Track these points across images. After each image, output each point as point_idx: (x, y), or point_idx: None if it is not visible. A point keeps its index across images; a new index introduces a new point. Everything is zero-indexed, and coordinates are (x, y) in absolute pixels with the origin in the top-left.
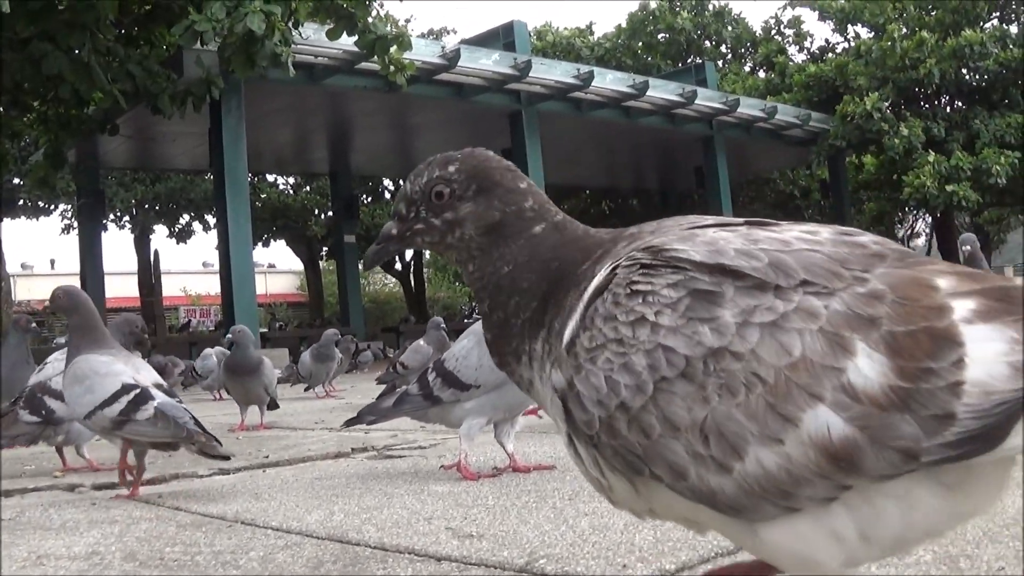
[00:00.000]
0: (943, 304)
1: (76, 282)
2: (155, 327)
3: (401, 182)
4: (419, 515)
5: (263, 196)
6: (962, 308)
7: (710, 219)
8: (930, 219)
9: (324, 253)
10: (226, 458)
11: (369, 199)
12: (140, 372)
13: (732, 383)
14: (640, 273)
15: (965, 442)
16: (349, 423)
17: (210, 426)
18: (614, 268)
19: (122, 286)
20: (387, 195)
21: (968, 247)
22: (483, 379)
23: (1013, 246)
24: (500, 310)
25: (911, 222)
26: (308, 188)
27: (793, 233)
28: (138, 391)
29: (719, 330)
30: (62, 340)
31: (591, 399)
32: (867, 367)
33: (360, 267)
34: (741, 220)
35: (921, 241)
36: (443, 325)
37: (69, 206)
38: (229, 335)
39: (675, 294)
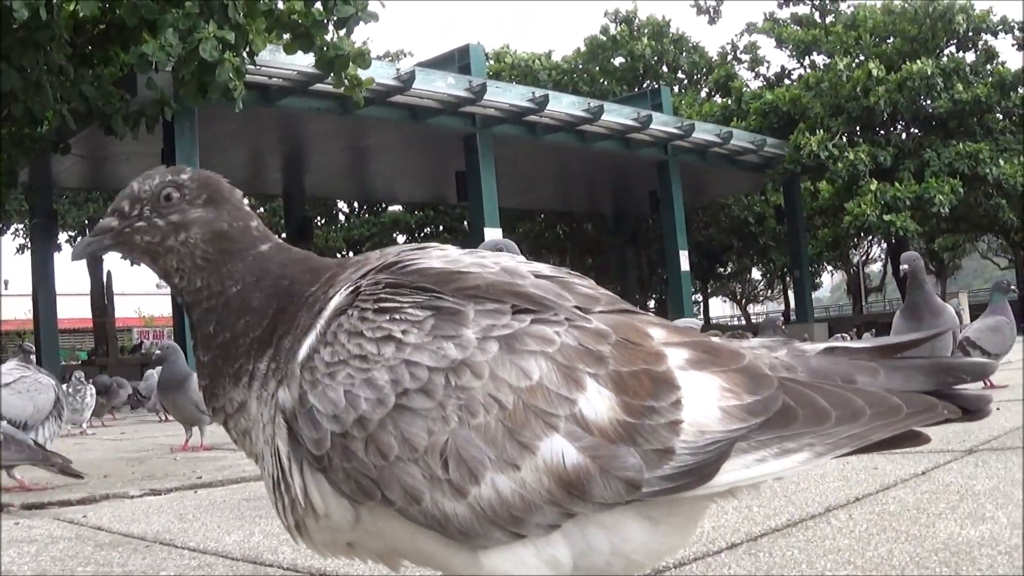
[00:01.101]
0: (659, 351)
1: (29, 303)
2: (107, 348)
3: (355, 204)
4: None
5: None
6: (676, 356)
7: (432, 247)
8: (885, 245)
9: None
10: (79, 476)
11: (323, 221)
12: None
13: (473, 405)
14: (386, 292)
15: (682, 475)
16: None
17: (151, 447)
18: (356, 288)
19: (75, 307)
20: (341, 217)
21: (907, 265)
22: None
23: (968, 272)
24: (227, 330)
25: (866, 247)
26: (262, 209)
27: (527, 267)
28: None
29: (462, 348)
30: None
31: (327, 415)
32: (597, 401)
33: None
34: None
35: (877, 267)
36: None
37: (22, 226)
38: (158, 351)
39: (421, 313)
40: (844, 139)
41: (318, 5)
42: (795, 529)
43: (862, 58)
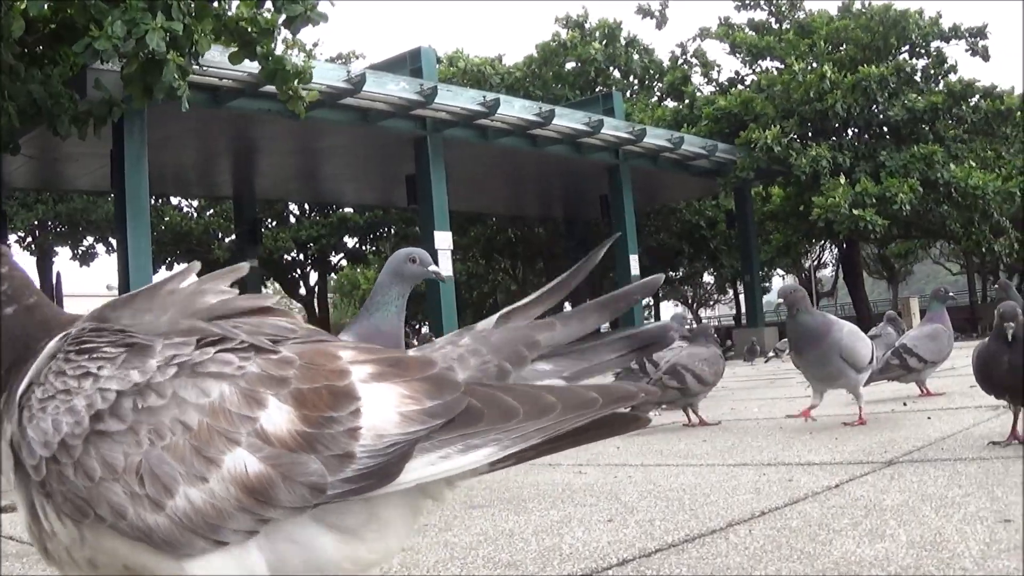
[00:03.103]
0: (344, 368)
1: None
2: None
3: (306, 206)
4: None
5: (166, 219)
6: (360, 371)
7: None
8: (836, 250)
9: None
10: None
11: (274, 223)
12: None
13: (161, 428)
14: (89, 335)
15: (364, 477)
16: None
17: None
18: (66, 334)
19: None
20: (292, 219)
21: (781, 299)
22: None
23: (920, 277)
24: None
25: (818, 253)
26: (211, 212)
27: (231, 305)
28: None
29: (146, 373)
30: None
31: (39, 442)
32: (277, 416)
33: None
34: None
35: (828, 271)
36: None
37: None
38: None
39: (115, 350)
40: (797, 141)
41: (265, 13)
42: (691, 545)
43: (814, 64)
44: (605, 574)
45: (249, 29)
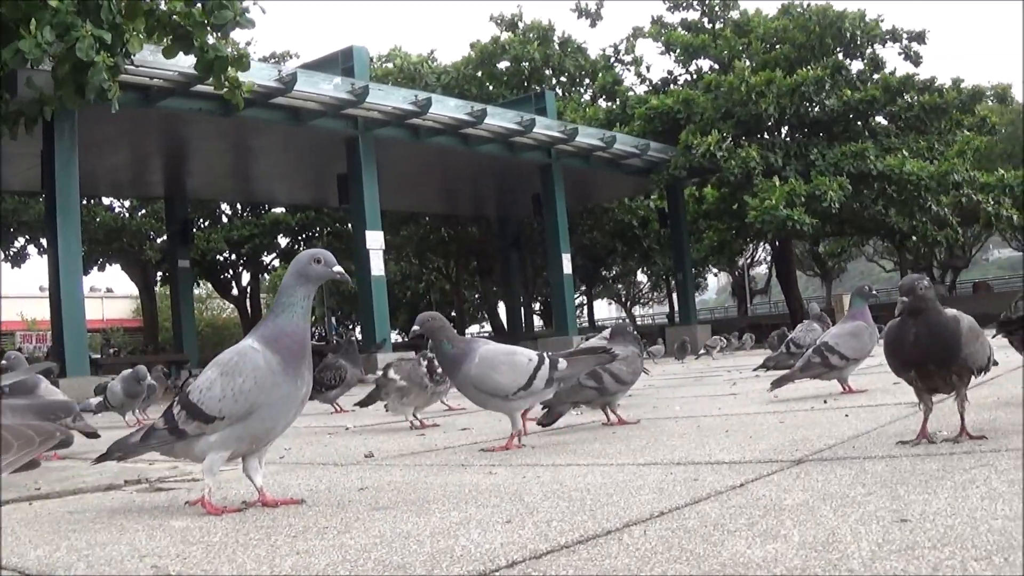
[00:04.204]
0: None
1: None
2: None
3: (238, 205)
4: (138, 552)
5: (98, 220)
6: None
7: None
8: (770, 248)
9: (159, 278)
10: None
11: (206, 223)
12: None
13: None
14: None
15: None
16: (99, 459)
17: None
18: None
19: None
20: (224, 219)
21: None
22: (227, 410)
23: (854, 274)
24: None
25: (751, 251)
26: (144, 212)
27: None
28: None
29: None
30: None
31: None
32: None
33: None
34: None
35: (762, 269)
36: None
37: None
38: (3, 360)
39: None
40: (732, 142)
41: (199, 5)
42: (583, 546)
43: (750, 64)
44: None
45: (183, 23)
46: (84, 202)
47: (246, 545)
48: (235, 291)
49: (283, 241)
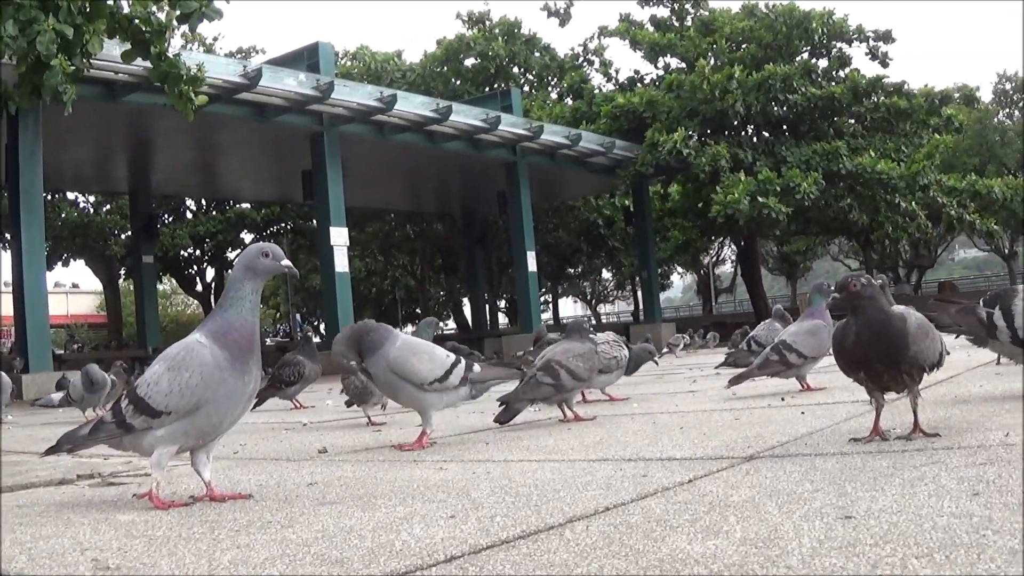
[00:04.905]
0: None
1: None
2: None
3: (203, 201)
4: (80, 546)
5: (62, 215)
6: None
7: None
8: (735, 247)
9: (123, 273)
10: None
11: (171, 219)
12: None
13: None
14: None
15: None
16: (48, 452)
17: None
18: None
19: None
20: (189, 215)
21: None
22: (173, 405)
23: (820, 274)
24: None
25: (717, 249)
26: (108, 207)
27: None
28: None
29: None
30: None
31: None
32: None
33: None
34: None
35: (728, 267)
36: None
37: None
38: None
39: None
40: (699, 139)
41: (160, 15)
42: (523, 541)
43: (715, 62)
44: (429, 571)
45: (143, 28)
46: (48, 197)
47: (188, 539)
48: (199, 287)
49: (248, 237)
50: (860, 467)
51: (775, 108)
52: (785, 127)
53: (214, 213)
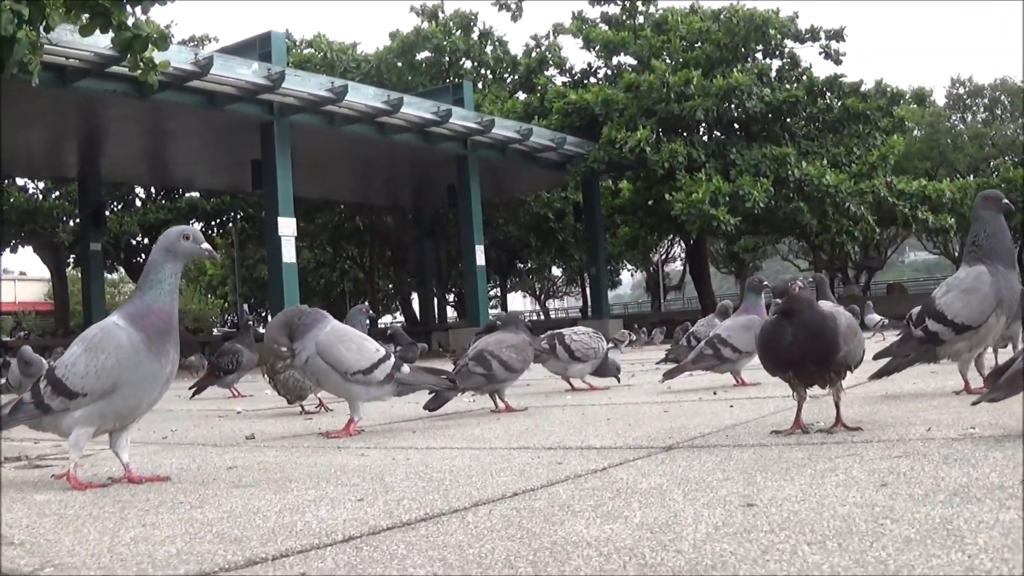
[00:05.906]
0: None
1: None
2: None
3: (152, 189)
4: None
5: (11, 200)
6: None
7: None
8: (684, 245)
9: (71, 261)
10: None
11: (119, 207)
12: None
13: None
14: None
15: None
16: None
17: None
18: None
19: None
20: (138, 203)
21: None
22: (90, 387)
23: (769, 273)
24: None
25: (666, 247)
26: (57, 193)
27: None
28: None
29: None
30: None
31: None
32: None
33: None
34: None
35: (677, 265)
36: None
37: None
38: None
39: None
40: (656, 137)
41: None
42: (424, 524)
43: (670, 62)
44: (324, 551)
45: (101, 0)
46: None
47: (97, 517)
48: None
49: (197, 226)
50: (775, 458)
51: (733, 111)
52: (738, 127)
53: (164, 201)
